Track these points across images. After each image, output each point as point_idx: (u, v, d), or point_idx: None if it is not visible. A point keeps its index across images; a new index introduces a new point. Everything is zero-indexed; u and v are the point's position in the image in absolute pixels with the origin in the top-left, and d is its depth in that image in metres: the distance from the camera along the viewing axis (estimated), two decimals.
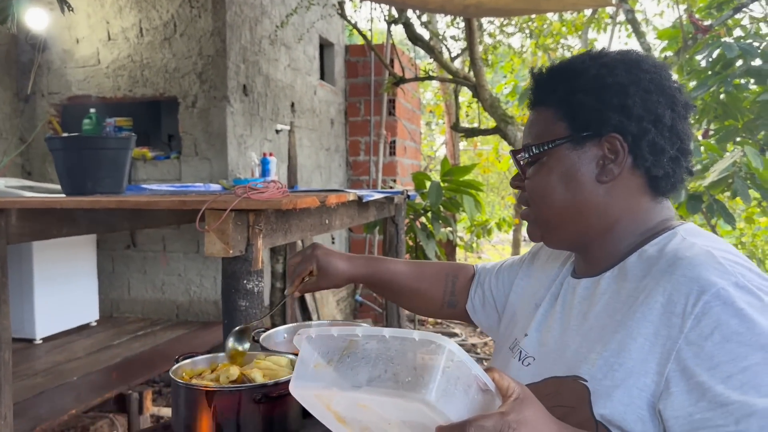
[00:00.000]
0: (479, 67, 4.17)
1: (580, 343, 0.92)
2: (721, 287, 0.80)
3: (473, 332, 5.75)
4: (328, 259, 1.30)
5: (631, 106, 0.93)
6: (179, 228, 4.35)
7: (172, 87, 4.27)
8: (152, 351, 3.66)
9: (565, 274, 1.08)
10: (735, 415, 0.74)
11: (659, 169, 0.95)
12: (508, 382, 0.72)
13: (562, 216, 0.99)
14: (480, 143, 9.50)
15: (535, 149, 0.99)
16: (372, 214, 3.28)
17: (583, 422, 0.85)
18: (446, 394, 0.68)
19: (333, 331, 0.78)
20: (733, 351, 0.76)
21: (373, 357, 0.73)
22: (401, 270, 1.33)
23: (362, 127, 6.00)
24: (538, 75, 1.05)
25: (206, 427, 1.15)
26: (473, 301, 1.30)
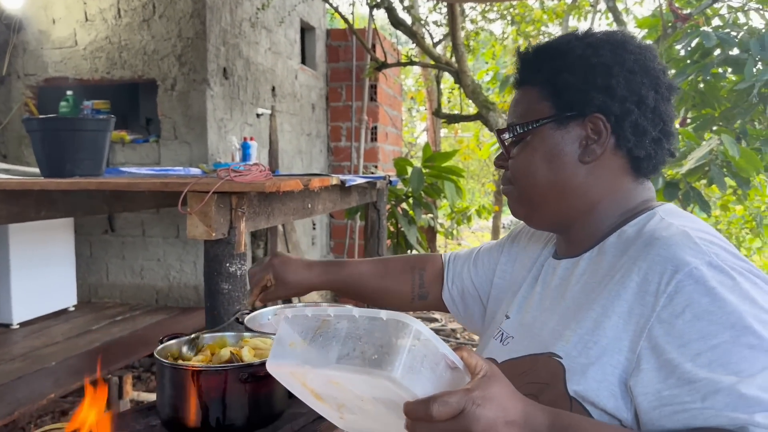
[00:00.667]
0: (461, 53, 4.17)
1: (557, 321, 0.93)
2: (694, 266, 0.81)
3: (452, 318, 5.79)
4: (285, 268, 1.28)
5: (614, 87, 0.93)
6: (158, 212, 4.31)
7: (150, 69, 4.21)
8: (131, 336, 3.64)
9: (546, 255, 1.09)
10: (701, 392, 0.75)
11: (641, 150, 0.95)
12: (476, 360, 0.73)
13: (545, 195, 0.99)
14: (460, 130, 9.51)
15: (519, 128, 0.99)
16: (354, 199, 3.28)
17: (558, 398, 0.86)
18: (412, 371, 0.69)
19: (307, 311, 0.80)
20: (703, 329, 0.77)
21: (342, 336, 0.75)
22: (364, 271, 1.32)
23: (344, 112, 5.97)
24: (524, 54, 1.05)
25: (192, 407, 1.15)
26: (451, 292, 1.28)
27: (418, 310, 1.37)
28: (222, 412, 1.15)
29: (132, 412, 1.27)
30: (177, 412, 1.17)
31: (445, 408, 0.68)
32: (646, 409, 0.80)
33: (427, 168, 4.33)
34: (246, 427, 1.17)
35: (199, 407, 1.15)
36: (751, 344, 0.76)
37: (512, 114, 1.04)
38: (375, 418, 0.82)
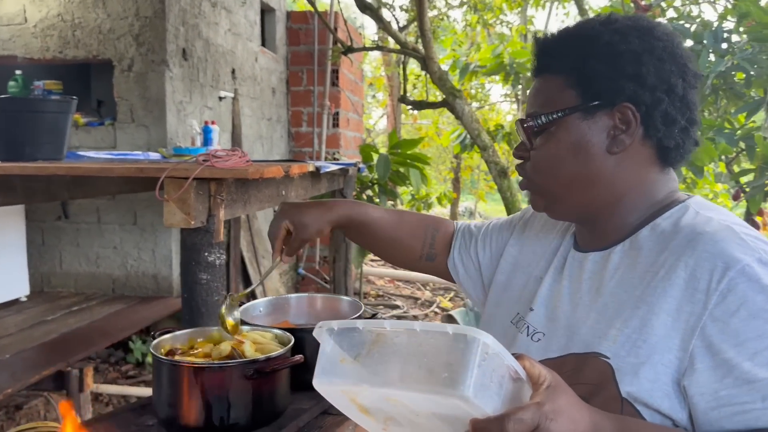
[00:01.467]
0: (428, 39, 4.14)
1: (597, 319, 0.91)
2: (746, 264, 0.79)
3: (414, 304, 5.81)
4: (299, 210, 1.22)
5: (645, 75, 0.90)
6: (114, 198, 4.15)
7: (106, 49, 4.03)
8: (89, 327, 3.50)
9: (567, 246, 1.05)
10: (762, 392, 0.75)
11: (671, 139, 0.93)
12: (539, 370, 0.71)
13: (570, 187, 0.96)
14: (419, 117, 9.50)
15: (544, 118, 0.95)
16: (324, 185, 3.22)
17: (609, 400, 0.84)
18: (482, 387, 0.67)
19: (358, 324, 0.75)
20: (759, 328, 0.77)
21: (404, 352, 0.71)
22: (381, 216, 1.26)
23: (304, 97, 5.87)
24: (545, 40, 1.00)
25: (193, 406, 1.10)
26: (455, 262, 1.25)
27: (422, 272, 1.33)
28: (226, 411, 1.10)
29: (125, 411, 1.20)
30: (177, 411, 1.11)
31: (521, 426, 0.65)
32: (704, 409, 0.79)
33: (392, 155, 4.30)
34: (250, 425, 1.12)
35: (202, 406, 1.09)
36: None
37: (533, 103, 0.99)
38: (425, 430, 0.79)
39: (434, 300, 5.91)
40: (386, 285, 6.53)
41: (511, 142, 5.52)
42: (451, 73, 6.21)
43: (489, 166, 4.33)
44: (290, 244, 1.23)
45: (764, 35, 3.70)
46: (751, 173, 4.04)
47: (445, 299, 5.93)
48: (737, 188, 4.54)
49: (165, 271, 4.17)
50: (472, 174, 9.41)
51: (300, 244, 1.23)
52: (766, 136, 3.76)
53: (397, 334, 0.72)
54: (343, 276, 3.75)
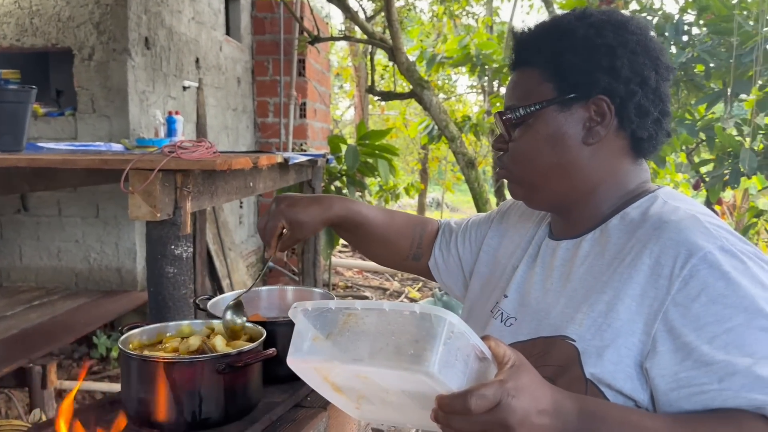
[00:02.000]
0: (396, 30, 4.12)
1: (566, 304, 0.93)
2: (708, 251, 0.82)
3: (383, 295, 5.82)
4: (296, 210, 1.21)
5: (619, 68, 0.93)
6: (76, 191, 4.05)
7: (65, 37, 3.92)
8: (51, 322, 3.42)
9: (541, 235, 1.08)
10: (718, 374, 0.78)
11: (644, 131, 0.96)
12: (504, 350, 0.73)
13: (547, 178, 0.99)
14: (386, 108, 9.49)
15: (522, 111, 0.98)
16: (292, 177, 3.20)
17: (574, 381, 0.87)
18: (447, 364, 0.70)
19: (330, 305, 0.78)
20: (718, 313, 0.80)
21: (373, 330, 0.74)
22: (374, 215, 1.27)
23: (270, 87, 5.80)
24: (521, 34, 1.02)
25: (164, 402, 1.07)
26: (436, 258, 1.28)
27: (407, 272, 1.36)
28: (197, 406, 1.08)
29: (92, 408, 1.18)
30: (147, 407, 1.08)
31: (483, 401, 0.68)
32: (664, 390, 0.82)
33: (361, 146, 4.29)
34: (222, 420, 1.10)
35: (173, 401, 1.07)
36: (763, 327, 0.78)
37: (511, 96, 1.02)
38: (396, 408, 0.82)
39: (403, 290, 5.94)
40: (354, 276, 6.53)
41: (478, 134, 5.56)
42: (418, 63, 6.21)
43: (457, 157, 4.35)
44: (284, 241, 1.23)
45: (723, 28, 3.78)
46: (710, 163, 4.13)
47: (413, 290, 5.95)
48: (697, 178, 4.65)
49: (129, 264, 4.10)
50: (439, 165, 9.46)
51: (294, 242, 1.24)
52: (726, 127, 3.85)
53: (367, 313, 0.75)
54: (312, 268, 3.73)
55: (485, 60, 5.30)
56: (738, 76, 3.60)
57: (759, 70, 3.35)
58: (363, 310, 0.75)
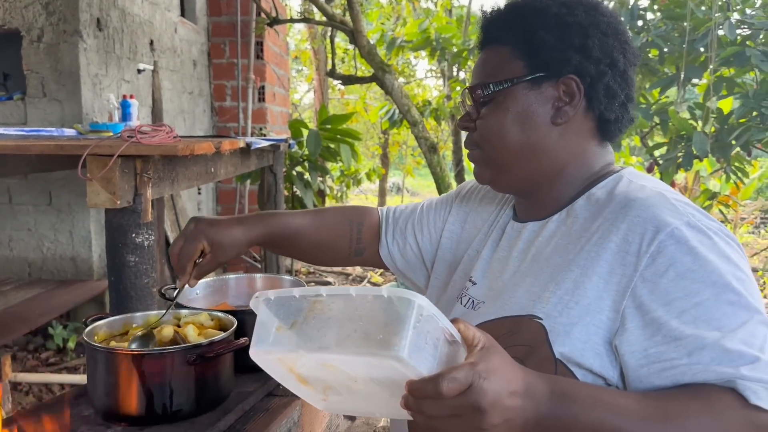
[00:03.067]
0: (356, 12, 4.08)
1: (532, 283, 0.93)
2: (675, 227, 0.83)
3: (346, 280, 5.81)
4: (218, 230, 1.13)
5: (590, 48, 0.93)
6: (27, 178, 3.91)
7: (13, 18, 3.76)
8: (5, 313, 3.30)
9: (505, 218, 1.07)
10: (687, 348, 0.79)
11: (611, 113, 0.96)
12: (473, 332, 0.73)
13: (515, 157, 0.98)
14: (346, 92, 9.42)
15: (493, 87, 0.96)
16: (254, 162, 3.15)
17: (543, 361, 0.87)
18: (417, 348, 0.68)
19: (294, 292, 0.75)
20: (686, 287, 0.81)
21: (340, 317, 0.71)
22: (301, 223, 1.22)
23: (228, 70, 5.68)
24: (492, 13, 1.01)
25: (133, 395, 1.05)
26: (390, 250, 1.23)
27: (354, 266, 1.31)
28: (168, 398, 1.06)
29: (57, 403, 1.14)
30: (115, 401, 1.06)
31: (454, 384, 0.67)
32: (634, 366, 0.82)
33: (322, 130, 4.25)
34: (194, 411, 1.09)
35: (142, 394, 1.05)
36: (731, 301, 0.80)
37: (479, 74, 1.01)
38: (364, 397, 0.80)
39: (365, 275, 5.94)
40: None
41: (438, 118, 5.56)
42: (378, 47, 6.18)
43: (419, 142, 4.35)
44: (201, 266, 1.15)
45: (677, 13, 3.86)
46: (664, 147, 4.22)
47: (376, 274, 5.96)
48: (651, 161, 4.76)
49: (84, 253, 3.99)
50: (399, 150, 9.45)
51: (214, 266, 1.16)
52: (679, 110, 3.94)
53: (333, 299, 0.72)
54: (274, 254, 3.69)
55: (445, 44, 5.30)
56: (690, 61, 3.68)
57: (711, 56, 3.43)
58: (328, 297, 0.72)
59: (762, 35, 3.55)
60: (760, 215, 8.13)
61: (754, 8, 3.87)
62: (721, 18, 3.40)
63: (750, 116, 3.58)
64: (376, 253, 1.25)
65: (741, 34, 3.58)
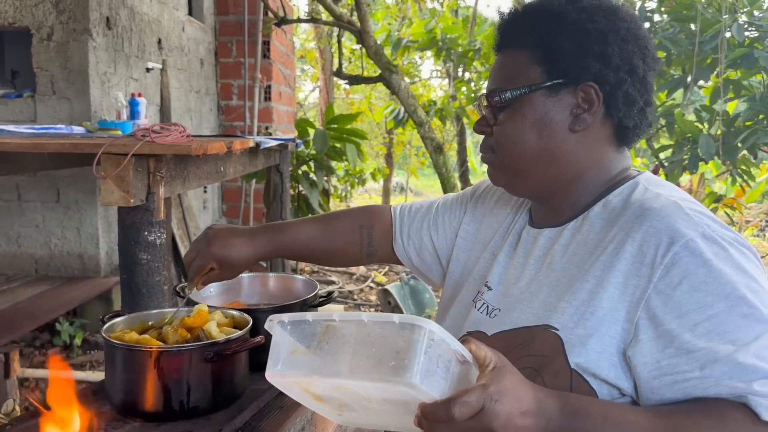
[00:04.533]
0: (364, 13, 4.09)
1: (548, 293, 0.93)
2: (689, 238, 0.83)
3: (350, 279, 5.82)
4: (228, 250, 1.18)
5: (610, 55, 0.92)
6: (35, 175, 3.93)
7: (23, 16, 3.78)
8: (12, 309, 3.33)
9: (521, 222, 1.07)
10: (700, 361, 0.78)
11: (630, 120, 0.95)
12: (484, 352, 0.73)
13: (532, 164, 0.97)
14: (351, 92, 9.42)
15: (509, 94, 0.96)
16: (261, 162, 3.17)
17: (558, 371, 0.86)
18: (429, 373, 0.70)
19: (308, 317, 0.78)
20: (700, 300, 0.80)
21: (352, 341, 0.74)
22: (310, 234, 1.24)
23: (234, 69, 5.70)
24: (510, 15, 1.00)
25: (151, 391, 1.07)
26: (406, 248, 1.23)
27: (368, 265, 1.34)
28: (185, 395, 1.07)
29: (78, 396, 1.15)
30: (134, 397, 1.08)
31: (466, 408, 0.68)
32: (646, 378, 0.82)
33: (329, 130, 4.26)
34: (211, 408, 1.10)
35: (161, 390, 1.06)
36: (744, 313, 0.79)
37: (496, 78, 1.00)
38: (378, 414, 0.82)
39: (369, 275, 5.95)
40: None
41: (444, 119, 5.57)
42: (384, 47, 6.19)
43: (425, 142, 4.36)
44: (209, 277, 1.20)
45: (684, 15, 3.85)
46: (669, 149, 4.22)
47: (379, 274, 5.97)
48: (657, 163, 4.76)
49: (91, 250, 4.01)
50: (404, 149, 9.46)
51: (221, 279, 1.24)
52: (685, 113, 3.94)
53: (346, 324, 0.75)
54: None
55: (451, 44, 5.31)
56: (698, 63, 3.68)
57: (719, 58, 3.43)
58: (341, 322, 0.75)
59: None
60: (765, 218, 8.13)
61: (762, 10, 3.87)
62: (729, 20, 3.40)
63: (756, 119, 3.58)
64: (389, 252, 1.26)
65: (749, 36, 3.58)
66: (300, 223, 1.27)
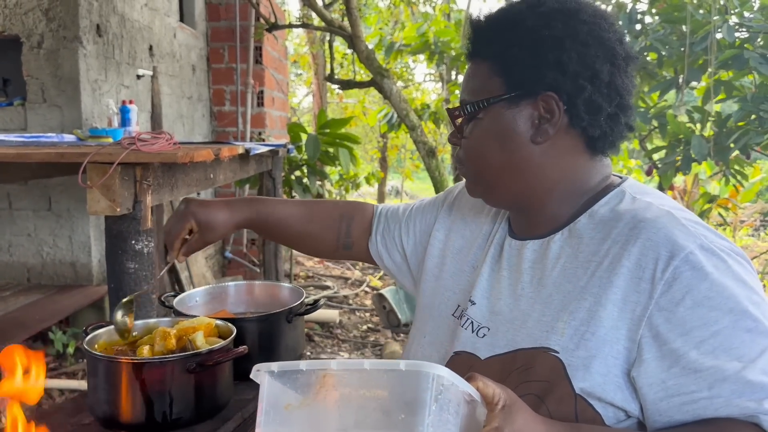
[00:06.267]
0: (355, 17, 4.09)
1: (542, 311, 0.89)
2: (689, 251, 0.80)
3: (345, 284, 5.81)
4: (207, 211, 1.19)
5: (566, 62, 0.87)
6: (27, 184, 3.92)
7: (13, 25, 3.76)
8: (4, 318, 3.31)
9: (501, 233, 1.03)
10: (708, 381, 0.76)
11: (596, 128, 0.91)
12: (492, 390, 0.71)
13: (499, 176, 0.95)
14: (345, 96, 9.42)
15: (470, 107, 0.94)
16: (252, 167, 3.16)
17: (563, 397, 0.83)
18: (440, 423, 0.66)
19: (301, 365, 0.71)
20: (704, 316, 0.78)
21: (355, 394, 0.68)
22: (289, 213, 1.24)
23: (226, 75, 5.69)
24: (476, 23, 0.97)
25: (133, 403, 1.06)
26: (378, 247, 1.23)
27: (342, 259, 1.33)
28: (168, 406, 1.06)
29: (56, 411, 1.14)
30: (116, 409, 1.06)
31: None
32: (652, 399, 0.80)
33: (321, 135, 4.25)
34: (194, 419, 1.09)
35: (142, 402, 1.05)
36: (749, 328, 0.77)
37: (464, 89, 0.98)
38: None
39: (364, 279, 5.94)
40: (316, 266, 6.51)
41: (437, 122, 5.57)
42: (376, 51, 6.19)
43: (417, 146, 4.36)
44: (190, 244, 1.22)
45: (675, 17, 3.86)
46: (662, 150, 4.22)
47: (375, 278, 5.96)
48: (650, 164, 4.76)
49: (83, 258, 3.99)
50: (398, 153, 9.46)
51: (202, 245, 1.23)
52: (678, 114, 3.94)
53: (347, 374, 0.69)
54: (273, 258, 3.70)
55: (443, 48, 5.31)
56: (689, 65, 3.68)
57: (710, 59, 3.44)
58: (340, 372, 0.68)
59: (760, 38, 3.56)
60: (760, 218, 8.14)
61: (752, 11, 3.87)
62: (719, 21, 3.40)
63: (748, 119, 3.58)
64: (365, 249, 1.25)
65: (739, 37, 3.59)
66: (283, 200, 1.29)
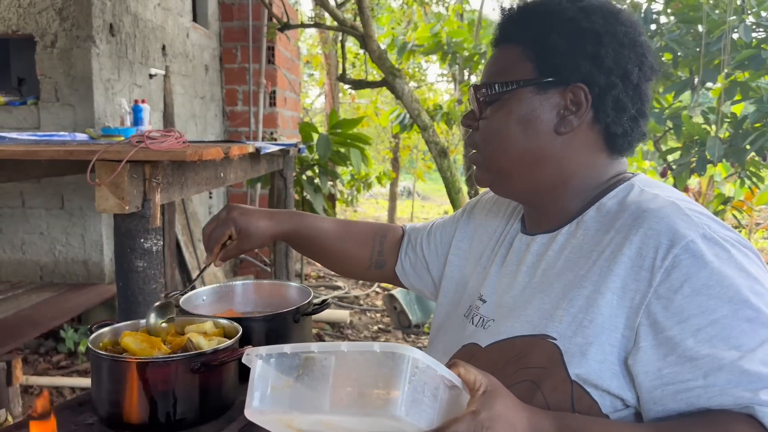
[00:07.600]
0: (367, 17, 4.08)
1: (542, 299, 0.90)
2: (690, 239, 0.79)
3: (356, 284, 5.80)
4: (248, 220, 1.21)
5: (603, 57, 0.89)
6: (40, 182, 3.94)
7: (27, 24, 3.79)
8: (16, 316, 3.33)
9: (514, 230, 1.04)
10: (704, 369, 0.75)
11: (618, 126, 0.92)
12: (474, 376, 0.71)
13: (515, 164, 0.95)
14: (357, 96, 9.42)
15: (498, 87, 0.93)
16: (263, 167, 3.16)
17: (559, 383, 0.83)
18: (414, 403, 0.67)
19: (286, 349, 0.75)
20: (702, 304, 0.77)
21: (333, 374, 0.71)
22: (327, 228, 1.26)
23: (239, 74, 5.70)
24: (509, 11, 0.98)
25: (137, 403, 1.05)
26: (403, 263, 1.25)
27: (372, 280, 1.34)
28: (172, 406, 1.05)
29: (61, 409, 1.14)
30: (119, 408, 1.05)
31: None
32: (648, 388, 0.79)
33: (333, 135, 4.24)
34: (198, 419, 1.08)
35: (146, 402, 1.04)
36: (749, 317, 0.76)
37: (488, 72, 0.98)
38: None
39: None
40: None
41: (450, 122, 5.55)
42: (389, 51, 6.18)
43: (429, 146, 4.34)
44: (227, 250, 1.23)
45: (690, 17, 3.82)
46: (677, 151, 4.18)
47: None
48: (664, 165, 4.71)
49: (96, 256, 4.01)
50: (410, 153, 9.45)
51: (239, 252, 1.24)
52: (693, 115, 3.90)
53: (326, 356, 0.72)
54: (284, 258, 3.70)
55: (456, 48, 5.28)
56: (705, 65, 3.64)
57: (726, 59, 3.39)
58: (321, 353, 0.72)
59: None
60: None
61: None
62: (736, 21, 3.36)
63: (765, 121, 3.53)
64: (393, 268, 1.28)
65: (756, 38, 3.54)
66: (321, 217, 1.30)
